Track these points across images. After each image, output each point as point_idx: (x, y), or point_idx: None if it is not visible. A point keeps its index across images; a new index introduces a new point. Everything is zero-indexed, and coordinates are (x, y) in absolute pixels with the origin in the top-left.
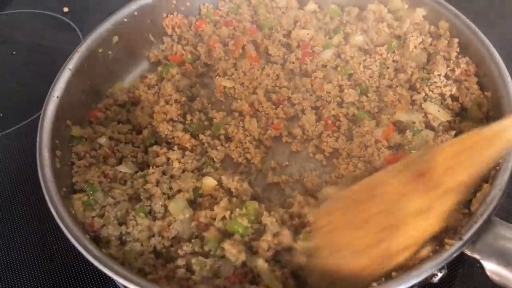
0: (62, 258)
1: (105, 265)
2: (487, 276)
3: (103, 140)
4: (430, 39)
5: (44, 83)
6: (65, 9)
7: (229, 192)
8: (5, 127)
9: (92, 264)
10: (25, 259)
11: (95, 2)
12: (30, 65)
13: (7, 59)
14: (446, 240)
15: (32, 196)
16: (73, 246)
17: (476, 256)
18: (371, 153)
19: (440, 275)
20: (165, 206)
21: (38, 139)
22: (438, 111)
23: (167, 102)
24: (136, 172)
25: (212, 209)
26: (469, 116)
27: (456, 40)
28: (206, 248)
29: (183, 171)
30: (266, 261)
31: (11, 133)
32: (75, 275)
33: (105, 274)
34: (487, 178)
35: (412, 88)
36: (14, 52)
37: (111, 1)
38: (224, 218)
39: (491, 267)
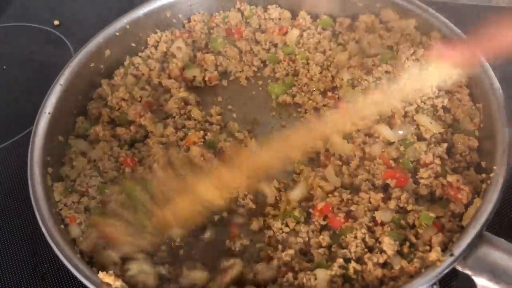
0: (54, 277)
1: (97, 286)
2: None
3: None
4: (422, 50)
5: (35, 98)
6: (56, 22)
7: None
8: None
9: (83, 284)
10: (16, 278)
11: (85, 15)
12: (21, 80)
13: None
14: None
15: (23, 214)
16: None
17: (468, 272)
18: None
19: None
20: None
21: (29, 156)
22: (430, 122)
23: None
24: None
25: None
26: (460, 127)
27: None
28: None
29: None
30: None
31: (1, 150)
32: None
33: None
34: (479, 192)
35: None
36: (4, 67)
37: (101, 14)
38: None
39: (482, 282)
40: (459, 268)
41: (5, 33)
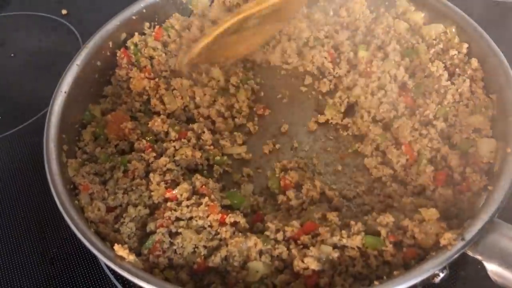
0: (62, 262)
1: (112, 260)
2: (488, 278)
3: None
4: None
5: (43, 85)
6: (64, 11)
7: None
8: (4, 129)
9: (92, 267)
10: (25, 263)
11: (93, 4)
12: (29, 67)
13: (6, 61)
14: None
15: (32, 199)
16: (75, 247)
17: (478, 257)
18: None
19: (442, 275)
20: None
21: (45, 133)
22: None
23: None
24: None
25: None
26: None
27: (465, 45)
28: None
29: None
30: None
31: (10, 136)
32: (75, 279)
33: (108, 277)
34: (491, 179)
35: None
36: (12, 54)
37: (109, 3)
38: None
39: (492, 268)
40: (470, 253)
41: (13, 21)
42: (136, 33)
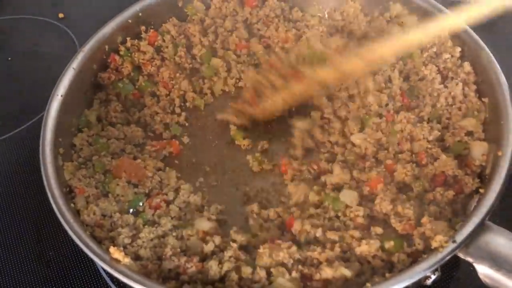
0: (59, 264)
1: (107, 263)
2: (481, 280)
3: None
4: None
5: (39, 89)
6: (60, 15)
7: None
8: (1, 133)
9: (89, 270)
10: (21, 265)
11: (90, 8)
12: (26, 71)
13: (3, 65)
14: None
15: (28, 201)
16: (71, 250)
17: (469, 259)
18: None
19: (433, 277)
20: None
21: (41, 137)
22: None
23: None
24: None
25: None
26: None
27: (458, 49)
28: None
29: None
30: None
31: (6, 140)
32: (72, 282)
33: (104, 280)
34: (483, 182)
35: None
36: (9, 58)
37: (106, 7)
38: None
39: (483, 270)
40: (461, 256)
41: (10, 25)
42: (128, 38)
